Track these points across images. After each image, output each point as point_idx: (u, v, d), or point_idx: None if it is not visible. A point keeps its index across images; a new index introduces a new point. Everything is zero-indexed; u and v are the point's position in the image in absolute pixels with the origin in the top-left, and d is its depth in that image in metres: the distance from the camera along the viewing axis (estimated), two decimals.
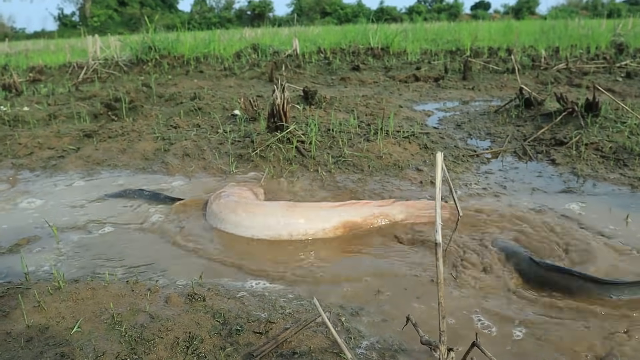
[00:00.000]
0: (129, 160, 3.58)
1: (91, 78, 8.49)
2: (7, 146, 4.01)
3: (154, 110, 5.08)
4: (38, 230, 2.49)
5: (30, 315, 1.58)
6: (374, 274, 1.96)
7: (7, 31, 51.70)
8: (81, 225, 2.54)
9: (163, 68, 8.78)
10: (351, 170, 3.19)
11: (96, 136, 4.08)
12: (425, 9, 59.57)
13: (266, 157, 3.31)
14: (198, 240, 2.30)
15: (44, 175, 3.43)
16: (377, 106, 5.27)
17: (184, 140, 3.78)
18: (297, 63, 8.74)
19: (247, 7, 55.39)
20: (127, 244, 2.31)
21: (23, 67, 10.60)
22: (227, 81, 7.72)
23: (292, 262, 2.08)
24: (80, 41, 26.94)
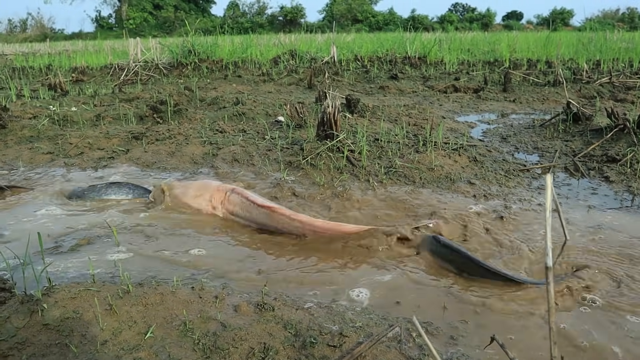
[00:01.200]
0: (178, 164, 3.61)
1: (132, 80, 8.62)
2: (58, 145, 4.08)
3: (198, 113, 5.12)
4: (97, 230, 2.52)
5: (103, 318, 1.59)
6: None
7: (47, 32, 52.96)
8: (138, 226, 2.56)
9: (202, 72, 8.87)
10: (402, 182, 3.16)
11: (144, 138, 4.12)
12: (457, 19, 59.18)
13: (316, 165, 3.30)
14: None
15: (96, 175, 3.48)
16: (420, 116, 5.23)
17: (232, 145, 3.80)
18: (335, 70, 8.75)
19: (280, 13, 55.75)
20: (183, 245, 2.32)
21: (66, 68, 10.82)
22: (266, 86, 7.76)
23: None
24: (117, 42, 27.43)
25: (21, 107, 5.29)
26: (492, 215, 2.73)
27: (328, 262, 2.19)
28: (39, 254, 2.27)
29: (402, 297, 1.90)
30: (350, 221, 2.60)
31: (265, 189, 3.13)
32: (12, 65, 12.48)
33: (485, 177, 3.29)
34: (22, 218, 2.73)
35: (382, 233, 2.35)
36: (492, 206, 2.84)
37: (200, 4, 62.51)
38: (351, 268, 2.14)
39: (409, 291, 1.95)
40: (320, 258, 2.23)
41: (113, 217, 2.69)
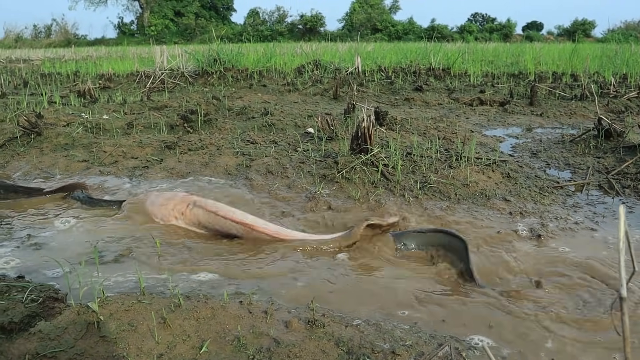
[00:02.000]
0: (212, 174, 3.65)
1: (158, 87, 8.72)
2: (93, 154, 4.15)
3: (227, 123, 5.17)
4: (138, 240, 2.56)
5: (158, 331, 1.62)
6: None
7: (70, 37, 53.78)
8: (178, 237, 2.60)
9: (227, 80, 8.95)
10: (437, 197, 3.16)
11: (177, 148, 4.17)
12: (476, 29, 58.98)
13: (351, 179, 3.31)
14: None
15: (131, 185, 3.53)
16: (448, 129, 5.23)
17: (265, 157, 3.83)
18: (360, 81, 8.77)
19: (299, 21, 56.04)
20: (220, 257, 2.34)
21: (92, 74, 10.98)
22: (291, 96, 7.81)
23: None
24: (139, 49, 27.76)
25: (54, 114, 5.39)
26: (529, 234, 2.72)
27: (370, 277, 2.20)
28: (84, 263, 2.32)
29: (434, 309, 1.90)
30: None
31: (300, 202, 3.15)
32: (40, 71, 12.69)
33: (520, 194, 3.28)
34: (59, 226, 2.78)
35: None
36: (528, 224, 2.83)
37: (220, 12, 63.08)
38: (398, 281, 2.15)
39: (451, 303, 1.95)
40: (362, 273, 2.24)
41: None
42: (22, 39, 52.33)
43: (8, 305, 1.68)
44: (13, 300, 1.71)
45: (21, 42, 50.09)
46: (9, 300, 1.71)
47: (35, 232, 2.69)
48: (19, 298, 1.73)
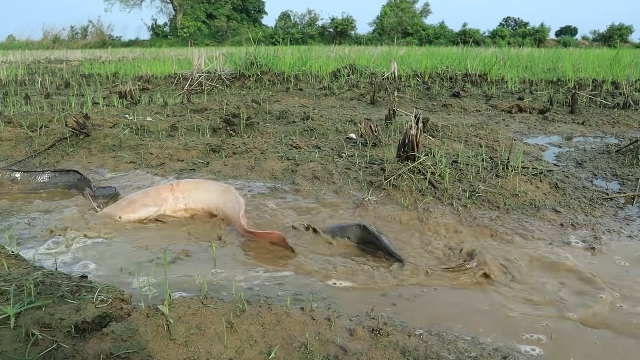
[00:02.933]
0: (258, 178, 3.68)
1: (196, 90, 8.84)
2: (140, 155, 4.23)
3: (268, 127, 5.21)
4: (193, 242, 2.60)
5: (226, 335, 1.64)
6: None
7: (105, 39, 54.88)
8: (231, 241, 2.63)
9: (264, 84, 9.02)
10: (486, 207, 3.14)
11: (221, 151, 4.22)
12: (509, 33, 58.22)
13: (398, 186, 3.31)
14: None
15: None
16: (490, 137, 5.18)
17: (310, 162, 3.85)
18: (396, 86, 8.75)
19: (330, 25, 56.13)
20: (275, 260, 2.37)
21: (130, 75, 11.18)
22: (328, 100, 7.83)
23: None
24: (173, 50, 28.19)
25: (100, 116, 5.50)
26: (582, 246, 2.68)
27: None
28: (142, 265, 2.37)
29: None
30: (440, 248, 2.60)
31: (348, 208, 3.17)
32: (80, 72, 12.98)
33: (570, 205, 3.24)
34: (117, 228, 2.84)
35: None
36: (581, 236, 2.79)
37: (251, 14, 63.58)
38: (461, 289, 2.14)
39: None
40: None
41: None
42: (59, 40, 53.57)
43: (80, 305, 1.72)
44: (84, 301, 1.76)
45: (58, 43, 51.27)
46: (79, 300, 1.76)
47: (91, 232, 2.76)
48: (88, 298, 1.77)
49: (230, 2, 58.01)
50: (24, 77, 11.87)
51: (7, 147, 4.71)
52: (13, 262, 2.11)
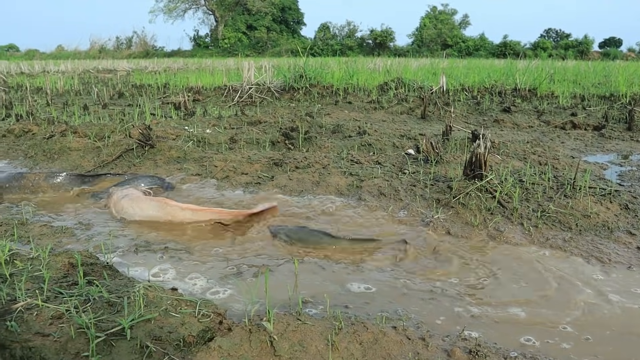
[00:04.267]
0: (324, 194, 3.73)
1: (246, 102, 8.99)
2: (205, 168, 4.33)
3: (326, 142, 5.26)
4: (272, 258, 2.66)
5: (327, 353, 1.68)
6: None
7: (149, 49, 56.23)
8: (308, 260, 2.68)
9: (312, 96, 9.11)
10: (558, 227, 3.11)
11: (284, 165, 4.29)
12: (551, 45, 57.28)
13: (467, 205, 3.32)
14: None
15: (249, 200, 3.66)
16: (548, 155, 5.12)
17: (374, 178, 3.88)
18: (445, 101, 8.73)
19: (369, 36, 56.22)
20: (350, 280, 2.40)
21: (180, 86, 11.43)
22: (377, 114, 7.86)
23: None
24: (215, 61, 28.68)
25: (161, 127, 5.66)
26: None
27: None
28: (225, 279, 2.43)
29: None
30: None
31: (417, 225, 3.18)
32: (132, 83, 13.33)
33: None
34: (193, 238, 2.92)
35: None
36: None
37: (290, 26, 64.20)
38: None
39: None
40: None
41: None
42: (105, 50, 55.13)
43: (184, 319, 1.79)
44: (186, 314, 1.82)
45: (104, 53, 52.76)
46: (182, 313, 1.82)
47: (173, 245, 2.84)
48: (190, 312, 1.84)
49: (271, 14, 58.72)
50: (79, 87, 12.27)
51: (76, 157, 4.88)
52: (109, 273, 2.20)
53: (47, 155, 5.03)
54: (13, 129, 5.97)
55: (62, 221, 3.26)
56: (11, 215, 3.31)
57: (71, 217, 3.39)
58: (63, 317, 1.69)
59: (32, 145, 5.28)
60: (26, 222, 3.16)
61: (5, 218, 3.22)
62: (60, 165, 4.81)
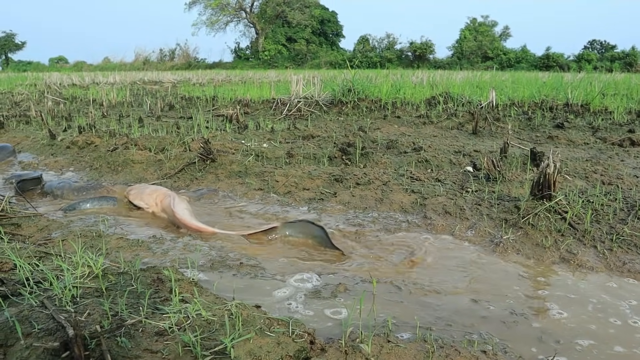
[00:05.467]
0: (388, 211, 3.74)
1: (294, 115, 9.08)
2: (266, 182, 4.39)
3: (382, 157, 5.27)
4: (350, 277, 2.68)
5: None
6: None
7: (191, 61, 57.41)
8: (385, 279, 2.69)
9: (361, 110, 9.14)
10: (634, 251, 3.04)
11: (344, 181, 4.32)
12: (595, 57, 56.02)
13: (536, 226, 3.27)
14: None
15: (312, 217, 3.70)
16: (610, 174, 5.01)
17: (438, 196, 3.87)
18: (495, 116, 8.63)
19: (409, 48, 56.11)
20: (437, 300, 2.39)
21: (229, 99, 11.63)
22: (427, 129, 7.83)
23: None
24: (257, 73, 29.06)
25: (219, 141, 5.77)
26: None
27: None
28: (304, 297, 2.46)
29: None
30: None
31: (485, 245, 3.16)
32: (181, 95, 13.63)
33: None
34: (256, 251, 2.97)
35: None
36: None
37: (329, 38, 64.64)
38: None
39: None
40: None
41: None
42: (149, 61, 56.54)
43: (279, 339, 1.82)
44: (280, 334, 1.85)
45: (148, 64, 54.10)
46: (275, 333, 1.86)
47: (246, 259, 2.90)
48: (282, 332, 1.87)
49: (310, 27, 59.26)
50: (130, 99, 12.61)
51: (139, 170, 5.02)
52: (195, 289, 2.26)
53: (112, 168, 5.19)
54: (77, 141, 6.17)
55: (135, 234, 3.36)
56: (87, 227, 3.43)
57: (142, 230, 3.49)
58: (165, 333, 1.75)
59: (97, 158, 5.45)
60: (102, 234, 3.26)
61: (82, 230, 3.34)
62: (125, 177, 4.96)
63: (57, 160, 5.81)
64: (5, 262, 2.48)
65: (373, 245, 3.13)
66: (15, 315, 1.83)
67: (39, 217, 3.63)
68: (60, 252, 2.71)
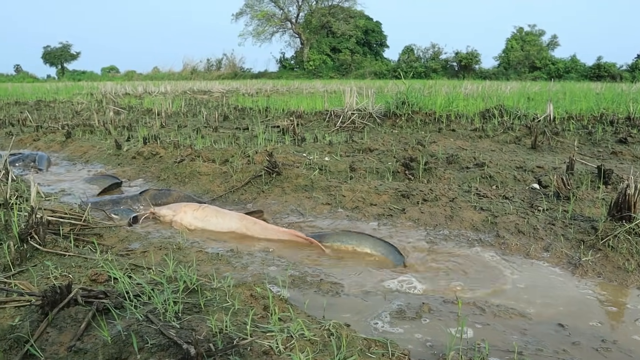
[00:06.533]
0: (459, 229, 3.73)
1: (348, 127, 9.13)
2: (333, 197, 4.44)
3: (444, 173, 5.25)
4: (431, 296, 2.69)
5: None
6: None
7: (237, 70, 58.38)
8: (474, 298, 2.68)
9: (415, 123, 9.12)
10: None
11: (411, 197, 4.32)
12: None
13: (616, 248, 3.21)
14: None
15: (383, 233, 3.72)
16: None
17: (508, 215, 3.84)
18: (553, 130, 8.47)
19: (454, 59, 55.56)
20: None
21: (281, 110, 11.78)
22: (483, 143, 7.75)
23: None
24: (303, 83, 29.31)
25: (282, 154, 5.85)
26: None
27: None
28: (390, 317, 2.48)
29: None
30: None
31: (564, 267, 3.12)
32: (233, 105, 13.87)
33: None
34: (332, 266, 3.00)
35: None
36: None
37: (374, 48, 64.63)
38: None
39: None
40: None
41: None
42: (196, 71, 57.78)
43: None
44: (379, 355, 1.88)
45: (195, 74, 55.27)
46: (376, 355, 1.88)
47: (324, 275, 2.94)
48: (381, 353, 1.90)
49: (355, 37, 59.42)
50: (185, 109, 12.92)
51: (206, 181, 5.15)
52: (286, 307, 2.31)
53: (179, 179, 5.34)
54: (142, 152, 6.37)
55: (213, 248, 3.45)
56: (166, 239, 3.54)
57: (218, 243, 3.58)
58: (272, 353, 1.80)
59: (164, 169, 5.62)
60: (182, 246, 3.36)
61: (161, 242, 3.45)
62: (192, 188, 5.09)
63: (125, 170, 6.01)
64: (100, 273, 2.60)
65: (449, 264, 3.13)
66: (125, 329, 1.92)
67: (119, 227, 3.77)
68: (149, 265, 2.81)
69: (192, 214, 3.95)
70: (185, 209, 4.00)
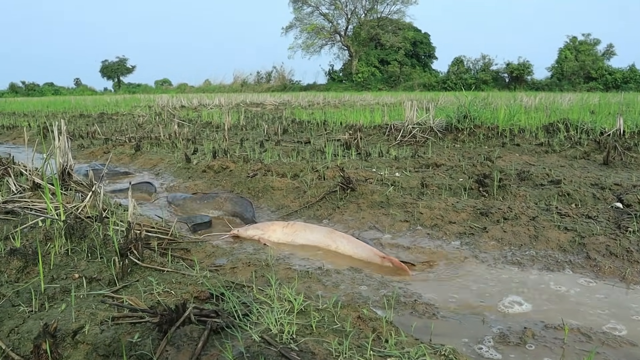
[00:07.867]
0: (545, 249, 3.66)
1: (409, 142, 9.09)
2: (411, 214, 4.43)
3: (518, 190, 5.16)
4: (531, 320, 2.64)
5: None
6: None
7: (286, 83, 59.12)
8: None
9: (477, 137, 9.01)
10: None
11: (490, 215, 4.27)
12: None
13: None
14: None
15: (467, 253, 3.68)
16: None
17: (596, 236, 3.74)
18: (625, 144, 8.21)
19: (505, 70, 54.65)
20: None
21: (338, 123, 11.85)
22: (550, 158, 7.58)
23: None
24: (353, 95, 29.39)
25: (352, 170, 5.88)
26: None
27: None
28: (491, 343, 2.45)
29: None
30: None
31: None
32: (291, 118, 14.05)
33: None
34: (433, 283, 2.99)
35: None
36: None
37: (422, 59, 64.31)
38: None
39: None
40: None
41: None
42: (246, 83, 58.82)
43: None
44: None
45: (245, 87, 56.27)
46: None
47: (417, 296, 2.93)
48: None
49: (403, 48, 59.29)
50: (243, 122, 13.16)
51: (280, 196, 5.23)
52: (393, 330, 2.31)
53: (252, 193, 5.43)
54: (213, 165, 6.52)
55: (300, 265, 3.49)
56: (252, 255, 3.61)
57: (303, 260, 3.62)
58: None
59: (237, 183, 5.73)
60: (269, 263, 3.41)
61: (248, 258, 3.51)
62: (266, 203, 5.18)
63: (196, 184, 6.16)
64: (202, 291, 2.67)
65: (541, 287, 3.08)
66: (246, 350, 1.96)
67: (205, 242, 3.86)
68: (249, 283, 2.87)
69: (282, 231, 4.05)
70: (274, 227, 4.08)
